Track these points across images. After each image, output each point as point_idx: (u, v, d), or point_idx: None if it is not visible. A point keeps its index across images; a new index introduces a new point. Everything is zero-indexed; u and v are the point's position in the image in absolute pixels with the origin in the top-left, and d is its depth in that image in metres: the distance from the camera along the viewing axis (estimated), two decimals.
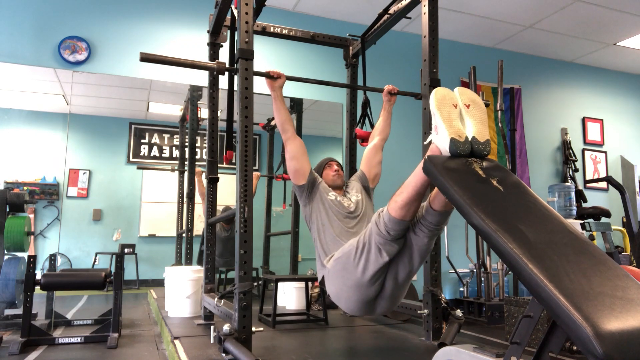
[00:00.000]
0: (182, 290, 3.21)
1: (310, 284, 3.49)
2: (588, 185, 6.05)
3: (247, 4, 2.26)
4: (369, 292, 1.94)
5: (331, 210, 2.28)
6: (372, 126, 2.93)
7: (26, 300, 2.67)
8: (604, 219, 4.42)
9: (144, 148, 4.88)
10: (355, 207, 2.36)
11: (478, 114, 1.72)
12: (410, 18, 3.00)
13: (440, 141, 1.67)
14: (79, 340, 2.76)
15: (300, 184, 2.32)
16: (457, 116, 1.70)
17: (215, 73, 2.67)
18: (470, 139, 1.65)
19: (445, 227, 4.19)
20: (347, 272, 1.95)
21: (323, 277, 2.16)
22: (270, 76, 2.40)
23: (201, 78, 4.40)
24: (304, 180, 2.31)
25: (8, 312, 3.22)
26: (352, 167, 3.45)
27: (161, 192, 4.97)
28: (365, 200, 2.44)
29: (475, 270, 4.15)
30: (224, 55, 2.97)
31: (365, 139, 2.84)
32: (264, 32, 3.24)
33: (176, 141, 5.04)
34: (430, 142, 1.75)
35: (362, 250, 1.88)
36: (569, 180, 5.85)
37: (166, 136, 5.01)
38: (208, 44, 3.10)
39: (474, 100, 1.74)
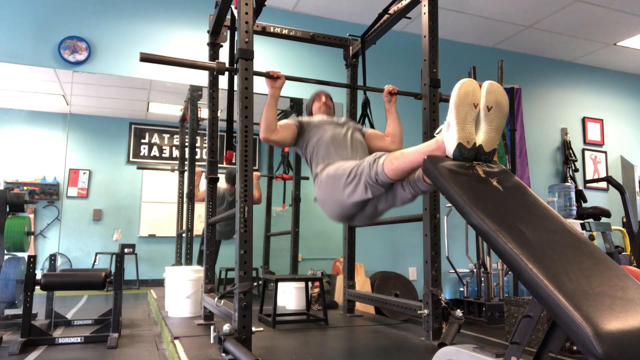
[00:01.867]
0: (182, 290, 3.21)
1: (310, 284, 3.49)
2: (588, 185, 6.05)
3: (247, 4, 2.26)
4: (350, 210, 2.13)
5: (322, 125, 2.50)
6: (371, 126, 2.94)
7: (26, 300, 2.67)
8: (604, 219, 4.42)
9: (144, 148, 4.88)
10: (345, 122, 2.59)
11: (496, 119, 1.66)
12: (410, 18, 3.00)
13: (448, 140, 1.65)
14: (79, 340, 2.76)
15: (294, 144, 2.54)
16: (473, 119, 1.65)
17: (215, 73, 2.67)
18: (477, 145, 1.63)
19: (445, 227, 4.20)
20: (335, 190, 2.12)
21: (315, 178, 2.36)
22: (270, 76, 2.41)
23: (201, 78, 4.40)
24: (294, 140, 2.53)
25: (8, 312, 3.22)
26: None
27: (161, 192, 4.97)
28: (356, 128, 2.61)
29: (475, 270, 4.15)
30: (224, 55, 2.97)
31: None
32: (264, 32, 3.24)
33: (176, 141, 5.04)
34: (439, 132, 1.73)
35: (352, 180, 2.02)
36: (569, 180, 5.85)
37: (166, 136, 5.01)
38: (208, 44, 3.10)
39: (498, 103, 1.67)
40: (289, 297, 3.61)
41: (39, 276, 2.74)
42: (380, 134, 2.74)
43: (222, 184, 4.53)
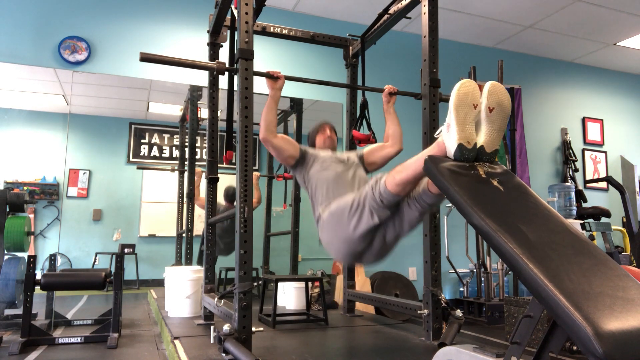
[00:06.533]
0: (182, 290, 3.21)
1: (310, 284, 3.49)
2: (588, 185, 6.05)
3: (247, 4, 2.26)
4: (357, 247, 2.05)
5: (326, 162, 2.42)
6: (369, 128, 2.93)
7: (26, 300, 2.67)
8: (604, 219, 4.42)
9: (144, 148, 4.88)
10: (348, 159, 2.50)
11: (498, 120, 1.65)
12: (410, 18, 3.00)
13: (448, 141, 1.65)
14: (79, 340, 2.76)
15: (292, 164, 2.47)
16: (473, 119, 1.64)
17: (215, 73, 2.67)
18: (478, 146, 1.62)
19: (445, 227, 4.20)
20: (340, 226, 2.06)
21: (317, 221, 2.30)
22: (270, 76, 2.40)
23: (201, 78, 4.40)
24: (293, 160, 2.46)
25: (8, 312, 3.22)
26: None
27: (161, 192, 4.97)
28: (358, 163, 2.54)
29: (475, 270, 4.15)
30: (224, 55, 2.97)
31: (362, 141, 2.84)
32: (264, 32, 3.24)
33: (176, 141, 5.04)
34: (439, 134, 1.73)
35: (356, 209, 1.97)
36: (569, 180, 5.85)
37: (166, 136, 5.01)
38: (208, 44, 3.10)
39: (500, 104, 1.65)
40: (289, 297, 3.61)
41: (39, 276, 2.74)
42: (379, 145, 2.68)
43: (220, 200, 4.54)
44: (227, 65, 2.47)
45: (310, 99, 4.91)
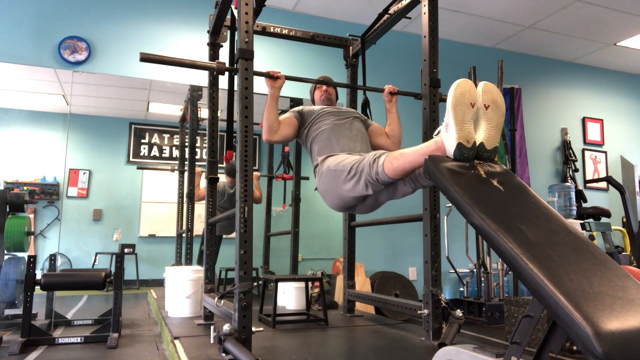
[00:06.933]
0: (182, 290, 3.21)
1: (310, 284, 3.49)
2: (588, 185, 6.05)
3: (247, 4, 2.26)
4: (350, 203, 2.19)
5: (322, 116, 2.52)
6: None
7: (26, 300, 2.67)
8: (604, 219, 4.42)
9: (144, 148, 4.88)
10: (345, 111, 2.61)
11: (495, 117, 1.67)
12: (410, 18, 3.00)
13: (447, 141, 1.65)
14: (79, 340, 2.76)
15: (299, 134, 2.57)
16: (471, 118, 1.65)
17: (215, 73, 2.67)
18: (477, 144, 1.62)
19: (445, 227, 4.20)
20: (336, 184, 2.17)
21: (315, 168, 2.41)
22: (270, 76, 2.41)
23: (201, 78, 4.40)
24: (298, 132, 2.56)
25: (8, 312, 3.22)
26: None
27: (161, 192, 4.98)
28: (357, 117, 2.63)
29: (475, 270, 4.15)
30: (224, 55, 2.97)
31: None
32: (264, 32, 3.24)
33: (176, 141, 5.04)
34: (437, 134, 1.73)
35: (353, 176, 2.05)
36: (569, 180, 5.85)
37: (166, 136, 5.01)
38: (208, 44, 3.10)
39: (495, 102, 1.67)
40: (289, 297, 3.61)
41: (39, 276, 2.74)
42: (382, 131, 2.76)
43: (222, 177, 4.55)
44: (227, 65, 2.46)
45: (310, 98, 4.91)
